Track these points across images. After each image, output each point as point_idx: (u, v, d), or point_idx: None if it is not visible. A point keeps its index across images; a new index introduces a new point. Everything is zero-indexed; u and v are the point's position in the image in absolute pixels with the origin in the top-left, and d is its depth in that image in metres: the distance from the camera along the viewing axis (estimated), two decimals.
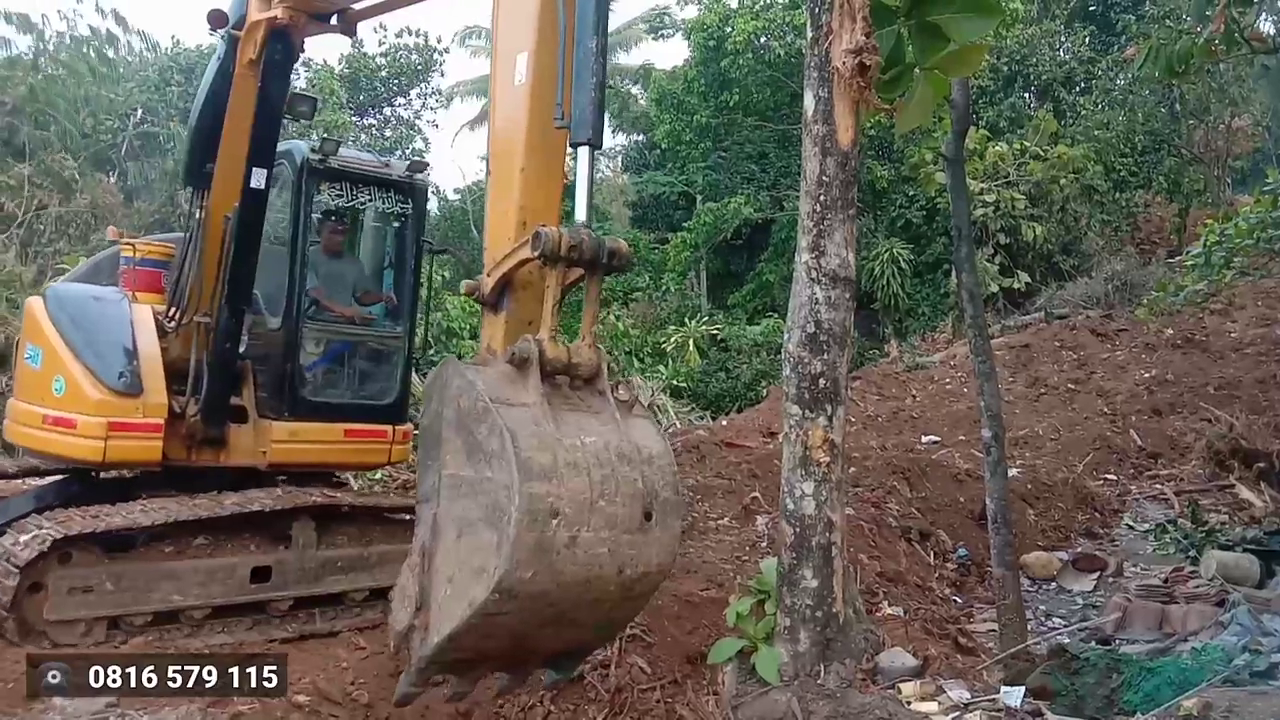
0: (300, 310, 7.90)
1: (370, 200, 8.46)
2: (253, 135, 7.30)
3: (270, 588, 7.13)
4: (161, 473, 7.41)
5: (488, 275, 4.59)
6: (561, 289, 4.29)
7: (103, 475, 7.90)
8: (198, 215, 7.52)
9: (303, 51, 7.53)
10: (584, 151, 4.41)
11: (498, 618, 3.91)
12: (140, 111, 27.65)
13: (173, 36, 46.77)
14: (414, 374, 9.25)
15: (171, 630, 6.73)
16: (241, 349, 7.74)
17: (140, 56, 29.83)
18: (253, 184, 7.31)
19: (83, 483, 7.83)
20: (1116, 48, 25.68)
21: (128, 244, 8.12)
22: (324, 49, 46.36)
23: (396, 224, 8.77)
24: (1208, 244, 10.47)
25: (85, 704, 5.39)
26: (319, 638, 7.11)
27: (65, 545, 6.38)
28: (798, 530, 4.63)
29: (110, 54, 30.37)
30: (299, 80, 26.51)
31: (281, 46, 7.24)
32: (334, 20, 7.28)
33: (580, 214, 4.39)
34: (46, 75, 25.53)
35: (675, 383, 23.84)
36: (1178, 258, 20.06)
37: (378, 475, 13.69)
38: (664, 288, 29.95)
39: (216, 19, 7.22)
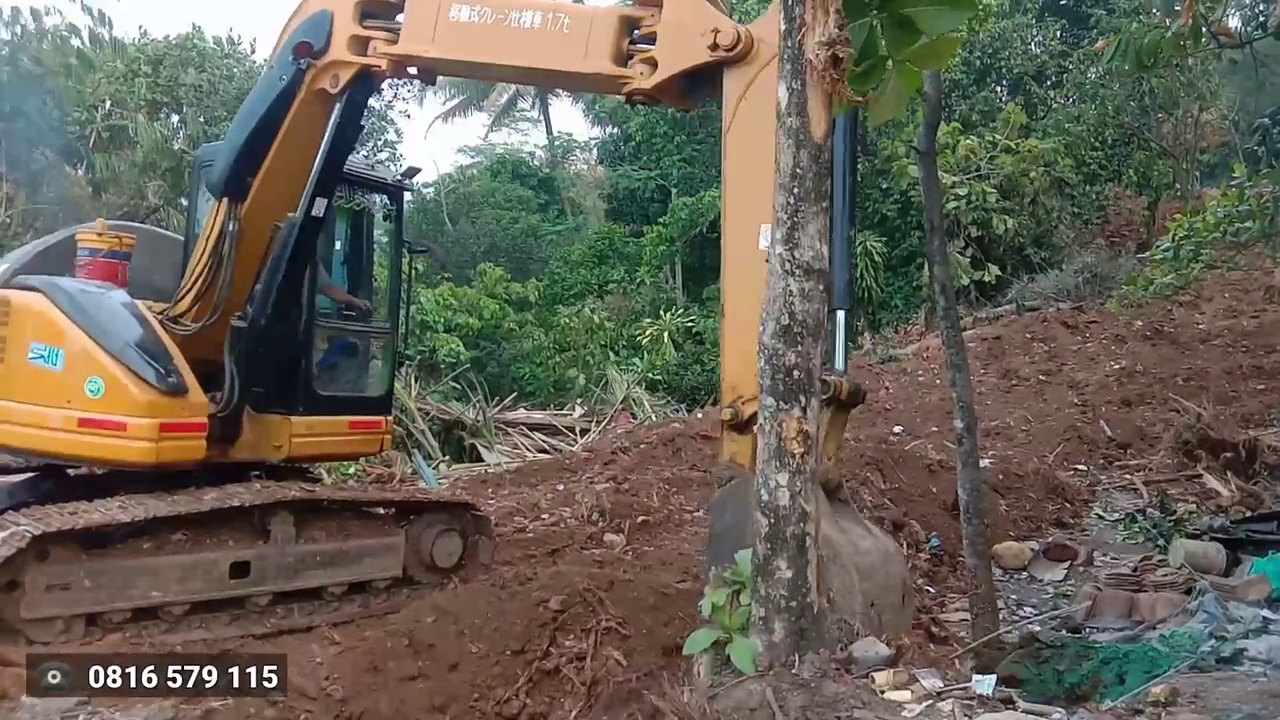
0: (313, 309, 8.08)
1: (364, 202, 8.77)
2: (322, 166, 7.46)
3: (249, 583, 7.10)
4: (139, 471, 7.31)
5: (745, 404, 5.63)
6: None
7: (73, 472, 7.85)
8: (232, 227, 7.51)
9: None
10: (841, 314, 5.66)
11: None
12: (108, 103, 27.30)
13: (140, 27, 46.34)
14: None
15: (150, 627, 6.69)
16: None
17: (113, 46, 29.36)
18: (314, 213, 7.49)
19: (56, 480, 7.77)
20: (1087, 41, 25.89)
21: (114, 237, 8.02)
22: None
23: (385, 224, 9.17)
24: (1176, 237, 10.59)
25: (56, 701, 5.36)
26: (297, 633, 7.09)
27: (43, 542, 6.31)
28: (772, 521, 4.66)
29: (76, 44, 29.96)
30: None
31: (365, 88, 7.58)
32: (416, 70, 7.50)
33: (839, 364, 5.62)
34: (20, 71, 25.21)
35: (650, 375, 23.89)
36: (1147, 251, 20.28)
37: (351, 469, 13.71)
38: (639, 281, 29.97)
39: (304, 50, 7.29)
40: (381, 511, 8.26)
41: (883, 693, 4.49)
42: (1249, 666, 5.57)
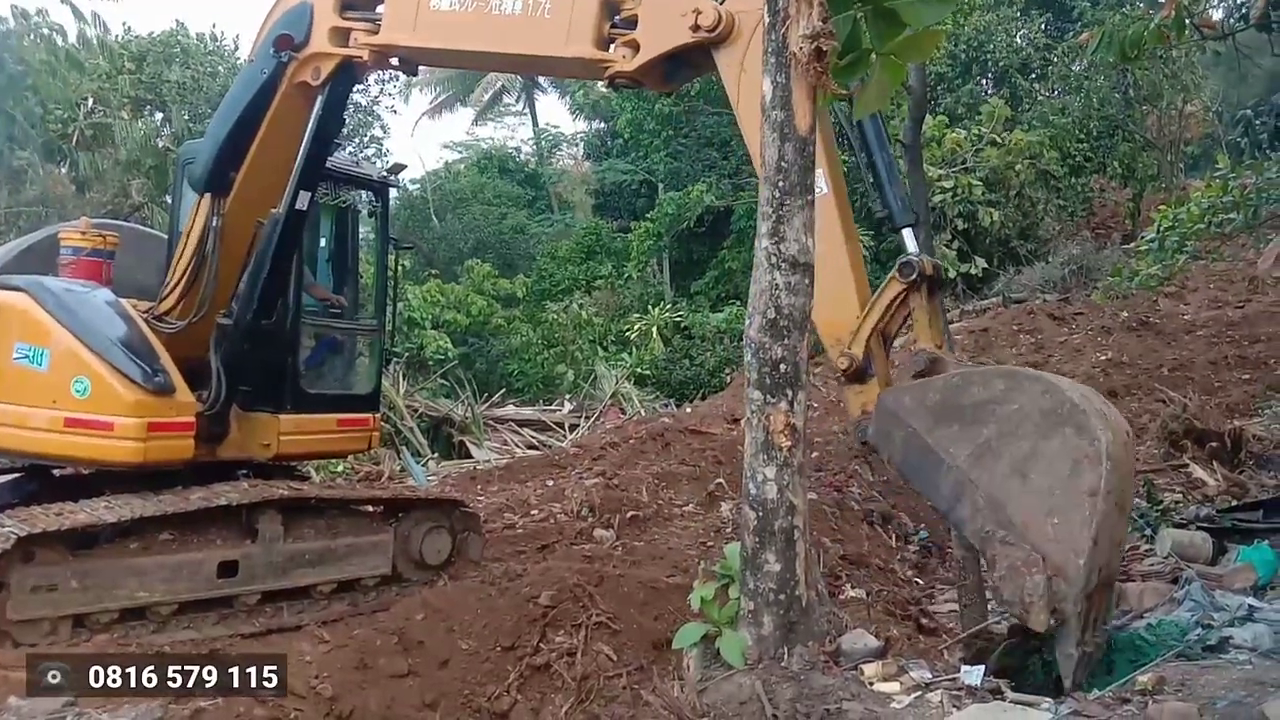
0: (299, 306, 8.04)
1: (349, 199, 8.75)
2: (305, 158, 7.45)
3: (237, 582, 7.07)
4: (126, 471, 7.26)
5: (851, 347, 5.76)
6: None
7: (59, 473, 7.81)
8: (215, 223, 7.49)
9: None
10: (908, 230, 6.01)
11: (1110, 499, 4.72)
12: (91, 101, 27.11)
13: (124, 24, 46.04)
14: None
15: (137, 627, 6.65)
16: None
17: (98, 42, 29.16)
18: (298, 206, 7.46)
19: (42, 480, 7.73)
20: (1071, 34, 25.95)
21: (98, 235, 7.96)
22: None
23: (370, 221, 9.18)
24: (1161, 229, 10.65)
25: (43, 703, 5.34)
26: (286, 632, 7.07)
27: (29, 543, 6.26)
28: (760, 515, 4.67)
29: (59, 41, 29.76)
30: None
31: (347, 80, 7.57)
32: (398, 61, 7.51)
33: (911, 246, 5.86)
34: (5, 69, 25.07)
35: (639, 370, 23.87)
36: (1132, 242, 20.36)
37: (339, 467, 13.68)
38: (626, 276, 29.94)
39: (285, 42, 7.29)
40: (370, 509, 8.24)
41: (872, 684, 4.52)
42: (1235, 654, 5.59)
